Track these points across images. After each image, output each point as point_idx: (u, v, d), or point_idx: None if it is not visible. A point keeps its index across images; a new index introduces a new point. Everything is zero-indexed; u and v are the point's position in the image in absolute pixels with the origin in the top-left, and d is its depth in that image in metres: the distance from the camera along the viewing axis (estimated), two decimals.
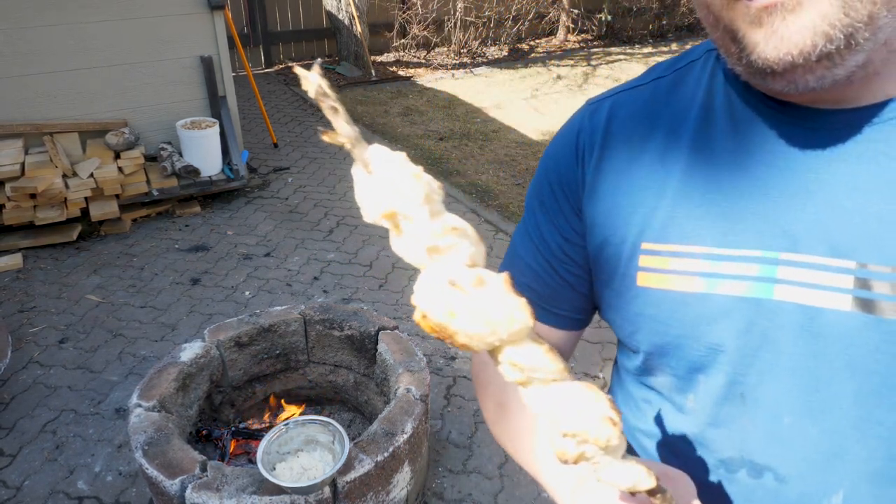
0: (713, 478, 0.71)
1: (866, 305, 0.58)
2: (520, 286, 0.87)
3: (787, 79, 0.55)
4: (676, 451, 0.75)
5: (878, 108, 0.58)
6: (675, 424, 0.74)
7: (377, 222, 0.36)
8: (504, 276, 0.37)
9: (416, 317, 0.36)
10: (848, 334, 0.59)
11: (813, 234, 0.60)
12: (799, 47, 0.52)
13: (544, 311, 0.85)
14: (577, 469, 0.46)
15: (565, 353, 0.90)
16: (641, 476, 0.42)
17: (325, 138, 0.36)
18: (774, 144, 0.62)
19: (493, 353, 0.37)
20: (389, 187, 0.35)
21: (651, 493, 0.43)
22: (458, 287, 0.35)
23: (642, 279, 0.69)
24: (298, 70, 0.35)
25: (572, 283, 0.80)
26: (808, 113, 0.61)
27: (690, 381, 0.70)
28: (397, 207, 0.35)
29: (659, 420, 0.77)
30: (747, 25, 0.54)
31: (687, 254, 0.66)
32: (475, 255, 0.36)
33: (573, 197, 0.76)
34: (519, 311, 0.36)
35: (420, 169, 0.36)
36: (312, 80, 0.34)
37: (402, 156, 0.36)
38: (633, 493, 0.44)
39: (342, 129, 0.36)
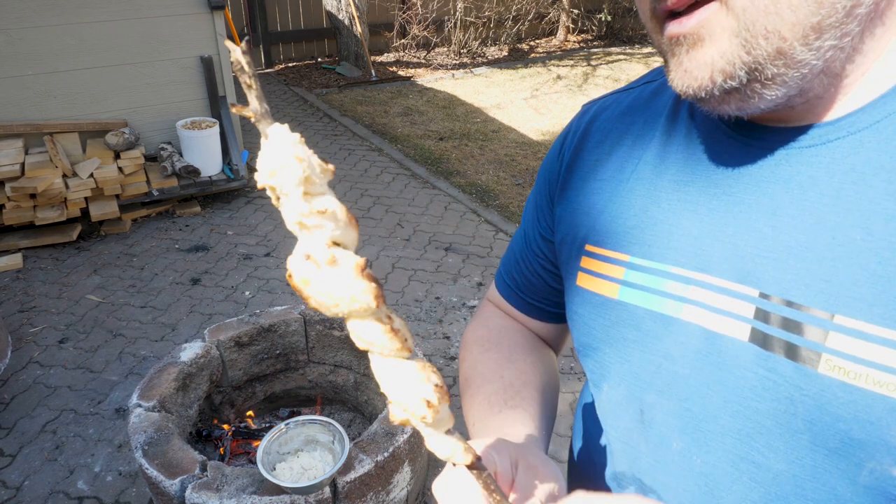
0: (606, 488, 0.71)
1: (761, 338, 0.56)
2: (506, 274, 0.89)
3: (704, 105, 0.55)
4: (590, 455, 0.76)
5: (823, 127, 0.55)
6: (591, 426, 0.76)
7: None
8: (357, 262, 0.42)
9: (287, 275, 0.44)
10: (741, 367, 0.57)
11: (725, 257, 0.59)
12: (698, 82, 0.52)
13: (522, 300, 0.87)
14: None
15: (553, 344, 0.91)
16: (458, 451, 0.49)
17: (233, 111, 0.41)
18: (717, 161, 0.61)
19: (345, 318, 0.44)
20: (272, 165, 0.40)
21: (469, 467, 0.50)
22: (313, 261, 0.42)
23: (580, 279, 0.71)
24: (227, 43, 0.41)
25: (545, 278, 0.83)
26: (755, 130, 0.59)
27: (600, 386, 0.72)
28: (275, 184, 0.40)
29: (586, 420, 0.79)
30: (667, 52, 0.55)
31: (615, 261, 0.67)
32: (341, 236, 0.42)
33: (552, 194, 0.79)
34: (363, 294, 0.41)
35: (306, 153, 0.40)
36: (237, 55, 0.39)
37: (294, 138, 0.41)
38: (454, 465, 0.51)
39: (252, 105, 0.41)
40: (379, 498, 1.94)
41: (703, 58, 0.51)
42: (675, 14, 0.52)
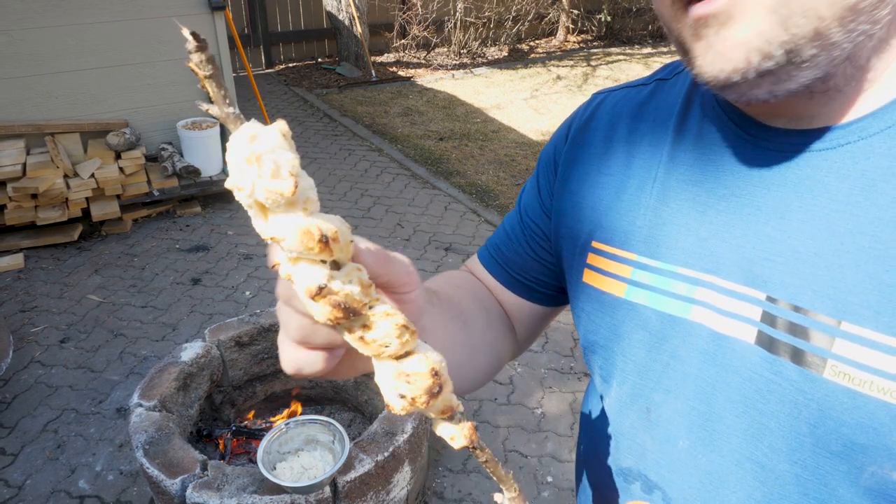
0: (613, 483, 0.72)
1: (767, 342, 0.56)
2: (493, 248, 0.87)
3: (734, 91, 0.52)
4: (596, 451, 0.76)
5: (835, 131, 0.54)
6: (598, 423, 0.76)
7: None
8: (307, 287, 0.40)
9: None
10: (746, 368, 0.58)
11: (733, 260, 0.59)
12: (733, 64, 0.49)
13: (510, 276, 0.85)
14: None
15: (520, 326, 0.87)
16: (452, 434, 0.51)
17: (201, 108, 0.38)
18: (727, 162, 0.61)
19: None
20: (228, 182, 0.38)
21: (472, 450, 0.52)
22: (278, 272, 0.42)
23: (586, 276, 0.71)
24: (185, 31, 0.35)
25: (541, 257, 0.82)
26: (765, 131, 0.59)
27: (608, 383, 0.72)
28: (238, 199, 0.38)
29: (592, 415, 0.79)
30: (690, 37, 0.52)
31: (623, 259, 0.67)
32: (307, 257, 0.40)
33: (553, 178, 0.79)
34: (317, 315, 0.41)
35: (252, 175, 0.36)
36: (190, 55, 0.36)
37: (243, 153, 0.36)
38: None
39: (214, 108, 0.38)
40: (379, 497, 1.95)
41: (736, 37, 0.48)
42: None
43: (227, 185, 0.38)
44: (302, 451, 1.95)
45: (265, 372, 2.51)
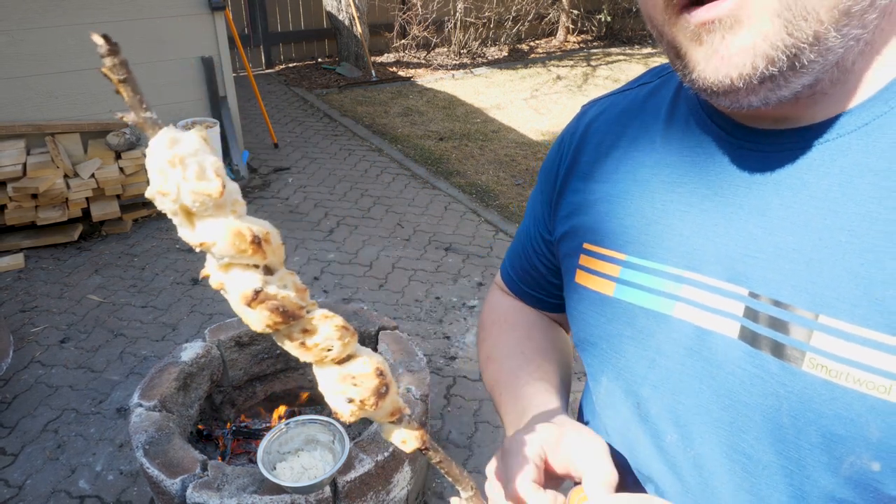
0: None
1: (750, 336, 0.57)
2: (510, 264, 0.94)
3: (730, 98, 0.53)
4: None
5: (814, 130, 0.56)
6: (593, 420, 0.78)
7: None
8: (243, 292, 0.39)
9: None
10: (730, 363, 0.59)
11: (716, 257, 0.60)
12: (739, 69, 0.49)
13: (522, 289, 0.92)
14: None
15: (560, 323, 0.95)
16: (401, 438, 0.51)
17: (117, 117, 0.37)
18: (711, 163, 0.63)
19: None
20: (149, 190, 0.37)
21: (424, 451, 0.52)
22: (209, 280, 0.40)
23: (578, 276, 0.74)
24: (94, 37, 0.33)
25: (543, 272, 0.87)
26: (749, 133, 0.60)
27: (600, 381, 0.74)
28: (159, 208, 0.37)
29: (587, 413, 0.82)
30: (689, 42, 0.52)
31: (612, 259, 0.69)
32: (238, 261, 0.39)
33: (551, 195, 0.81)
34: (254, 323, 0.40)
35: (176, 178, 0.35)
36: (106, 62, 0.34)
37: (165, 157, 0.35)
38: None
39: (130, 115, 0.37)
40: (379, 497, 1.95)
41: (743, 42, 0.48)
42: (699, 1, 0.49)
43: (148, 193, 0.36)
44: (302, 451, 1.95)
45: (265, 372, 2.51)
